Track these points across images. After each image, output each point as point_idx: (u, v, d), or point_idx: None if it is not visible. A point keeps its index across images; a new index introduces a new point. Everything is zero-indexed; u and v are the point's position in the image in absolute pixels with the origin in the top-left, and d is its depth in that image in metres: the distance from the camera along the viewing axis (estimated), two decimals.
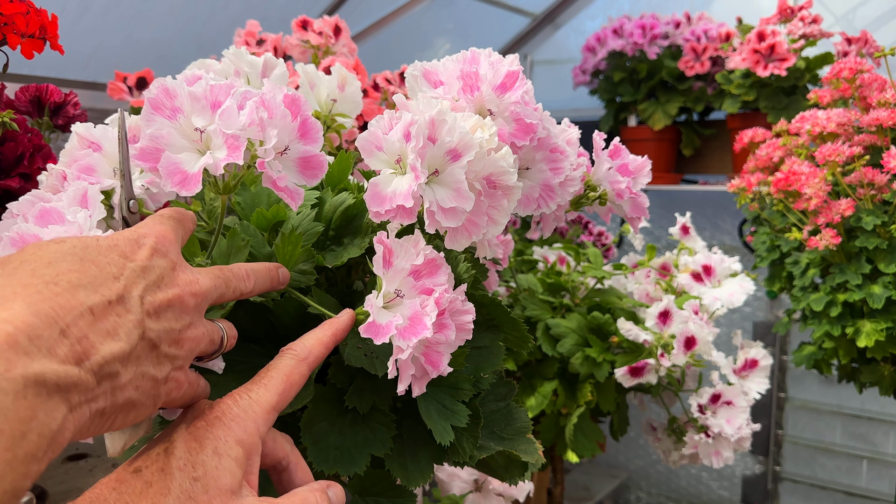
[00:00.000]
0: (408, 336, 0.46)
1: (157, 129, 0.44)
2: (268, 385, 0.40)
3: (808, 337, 1.11)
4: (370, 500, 0.57)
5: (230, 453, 0.36)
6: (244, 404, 0.38)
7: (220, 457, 0.36)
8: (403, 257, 0.48)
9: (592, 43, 1.96)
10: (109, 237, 0.36)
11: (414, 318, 0.47)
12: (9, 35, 0.70)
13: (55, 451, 0.29)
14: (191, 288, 0.37)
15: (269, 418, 0.39)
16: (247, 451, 0.37)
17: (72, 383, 0.29)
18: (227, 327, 0.42)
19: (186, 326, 0.37)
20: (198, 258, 0.48)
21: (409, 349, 0.45)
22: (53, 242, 0.34)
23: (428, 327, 0.46)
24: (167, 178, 0.42)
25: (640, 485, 2.32)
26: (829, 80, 1.12)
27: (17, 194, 0.71)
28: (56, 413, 0.29)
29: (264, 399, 0.39)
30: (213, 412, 0.38)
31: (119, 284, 0.33)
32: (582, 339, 1.04)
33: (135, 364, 0.33)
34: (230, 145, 0.43)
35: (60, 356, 0.29)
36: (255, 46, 1.31)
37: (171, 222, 0.40)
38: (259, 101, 0.44)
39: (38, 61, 0.75)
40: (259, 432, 0.38)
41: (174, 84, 0.44)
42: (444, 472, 0.97)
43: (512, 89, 0.52)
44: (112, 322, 0.32)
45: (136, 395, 0.33)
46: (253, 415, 0.38)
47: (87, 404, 0.31)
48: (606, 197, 0.66)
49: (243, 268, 0.43)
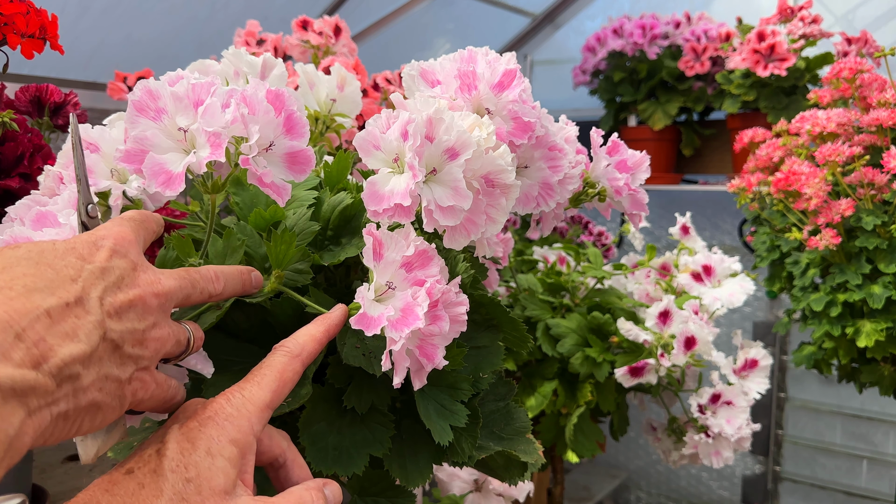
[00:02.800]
0: (399, 327, 0.45)
1: (142, 131, 0.44)
2: (261, 382, 0.40)
3: (808, 337, 1.11)
4: (369, 501, 0.57)
5: (223, 453, 0.36)
6: (237, 403, 0.38)
7: (214, 457, 0.36)
8: (394, 249, 0.48)
9: (592, 43, 1.96)
10: (66, 240, 0.36)
11: (406, 309, 0.46)
12: (9, 35, 0.70)
13: (14, 458, 0.29)
14: (153, 288, 0.37)
15: (263, 416, 0.39)
16: (241, 451, 0.37)
17: (29, 387, 0.29)
18: (194, 328, 0.42)
19: (150, 327, 0.36)
20: (192, 258, 0.48)
21: (402, 340, 0.45)
22: (8, 248, 0.34)
23: (420, 318, 0.45)
24: (151, 179, 0.42)
25: (640, 485, 2.32)
26: (829, 80, 1.12)
27: (17, 194, 0.71)
28: (13, 418, 0.28)
29: (258, 397, 0.39)
30: (206, 412, 0.38)
31: (77, 286, 0.33)
32: (582, 339, 1.04)
33: (97, 365, 0.33)
34: (213, 143, 0.43)
35: (16, 360, 0.29)
36: (255, 46, 1.31)
37: (132, 224, 0.40)
38: (241, 98, 0.44)
39: (38, 61, 0.75)
40: (253, 431, 0.38)
41: (157, 85, 0.44)
42: (444, 472, 0.97)
43: (510, 88, 0.52)
44: (71, 324, 0.32)
45: (100, 397, 0.33)
46: (247, 413, 0.38)
47: (47, 408, 0.30)
48: (605, 194, 0.66)
49: (212, 270, 0.43)
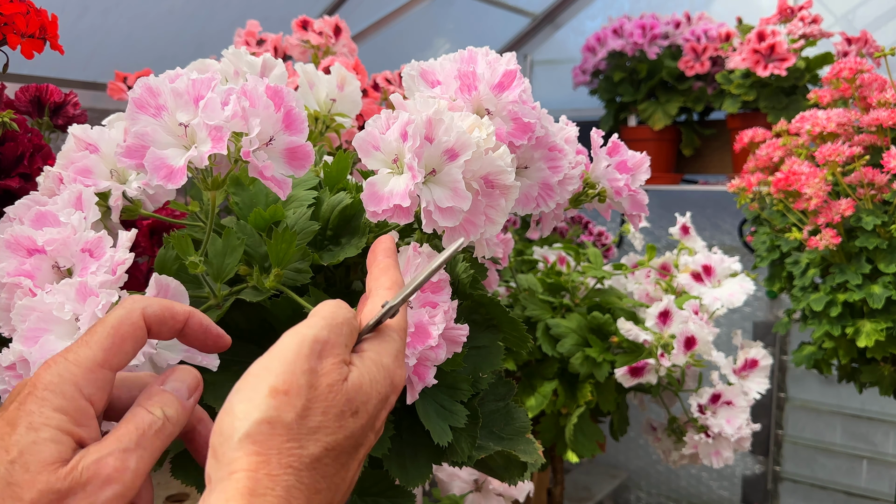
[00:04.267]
0: (413, 345, 0.47)
1: (142, 127, 0.44)
2: (90, 342, 0.37)
3: (808, 337, 1.11)
4: (369, 501, 0.57)
5: (49, 423, 0.34)
6: (58, 369, 0.36)
7: (37, 430, 0.34)
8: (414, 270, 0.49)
9: (592, 43, 1.96)
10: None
11: (419, 326, 0.48)
12: (9, 35, 0.70)
13: None
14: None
15: (93, 377, 0.37)
16: (72, 417, 0.35)
17: None
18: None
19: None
20: (191, 257, 0.48)
21: (413, 358, 0.47)
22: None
23: (433, 337, 0.47)
24: (153, 173, 0.42)
25: (640, 485, 2.32)
26: (829, 80, 1.12)
27: (17, 194, 0.71)
28: None
29: (85, 357, 0.37)
30: (25, 388, 0.36)
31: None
32: (582, 339, 1.04)
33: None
34: (214, 137, 0.43)
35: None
36: (255, 46, 1.31)
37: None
38: (241, 92, 0.44)
39: (38, 61, 0.75)
40: (84, 393, 0.36)
41: (157, 82, 0.45)
42: (444, 472, 0.97)
43: (510, 88, 0.52)
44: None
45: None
46: (71, 377, 0.36)
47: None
48: (605, 194, 0.65)
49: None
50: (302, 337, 0.36)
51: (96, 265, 0.45)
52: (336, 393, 0.36)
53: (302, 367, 0.35)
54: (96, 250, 0.45)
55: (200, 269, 0.48)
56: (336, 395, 0.36)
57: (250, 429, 0.33)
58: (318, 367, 0.36)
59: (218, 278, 0.51)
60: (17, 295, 0.45)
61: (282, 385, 0.35)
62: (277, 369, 0.35)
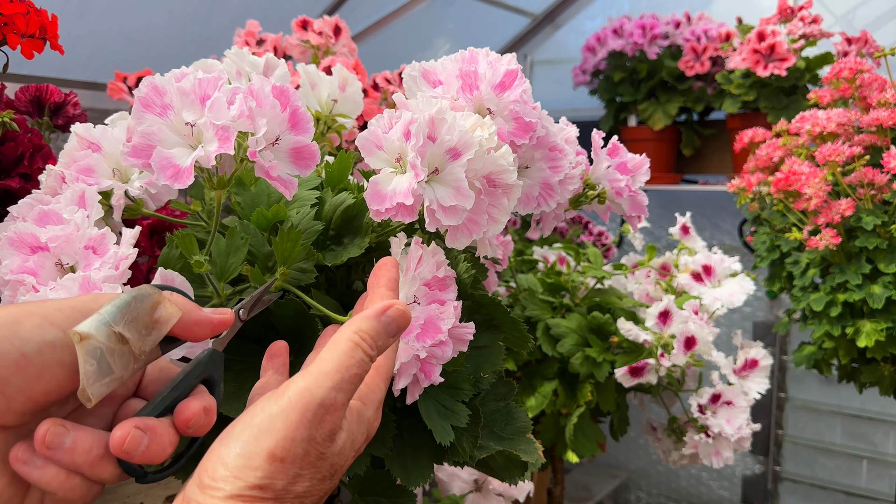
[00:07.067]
0: (422, 338, 0.48)
1: (148, 126, 0.44)
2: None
3: (808, 337, 1.11)
4: (370, 500, 0.57)
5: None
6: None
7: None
8: (426, 266, 0.49)
9: (592, 43, 1.96)
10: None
11: (429, 322, 0.48)
12: (9, 35, 0.70)
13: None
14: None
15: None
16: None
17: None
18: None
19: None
20: (196, 256, 0.48)
21: (423, 350, 0.47)
22: None
23: (443, 331, 0.48)
24: (160, 173, 0.42)
25: (640, 485, 2.32)
26: (829, 80, 1.12)
27: (17, 194, 0.71)
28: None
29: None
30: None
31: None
32: (582, 339, 1.04)
33: None
34: (220, 136, 0.43)
35: None
36: (255, 46, 1.31)
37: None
38: (248, 92, 0.44)
39: (38, 61, 0.75)
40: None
41: (163, 81, 0.45)
42: (445, 471, 0.97)
43: (511, 88, 0.52)
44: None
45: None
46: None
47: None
48: (605, 195, 0.66)
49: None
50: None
51: (100, 261, 0.45)
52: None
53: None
54: (100, 247, 0.45)
55: (205, 268, 0.48)
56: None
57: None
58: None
59: (221, 278, 0.51)
60: (20, 292, 0.45)
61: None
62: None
